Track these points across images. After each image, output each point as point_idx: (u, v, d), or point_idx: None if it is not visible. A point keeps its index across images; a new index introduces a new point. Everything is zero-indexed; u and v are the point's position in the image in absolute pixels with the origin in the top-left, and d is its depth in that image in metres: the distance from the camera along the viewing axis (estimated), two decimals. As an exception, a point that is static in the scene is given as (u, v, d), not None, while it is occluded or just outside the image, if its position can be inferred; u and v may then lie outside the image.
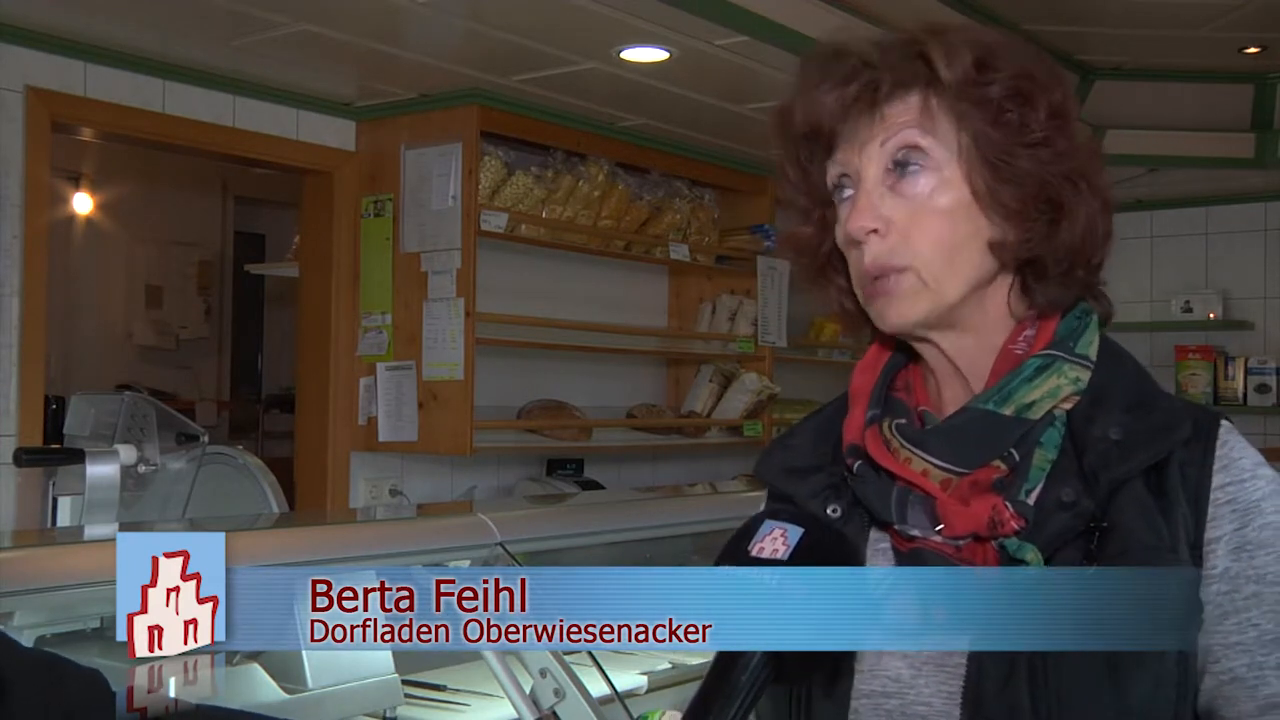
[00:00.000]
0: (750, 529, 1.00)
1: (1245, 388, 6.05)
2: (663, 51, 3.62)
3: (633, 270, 4.99)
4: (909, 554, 1.11)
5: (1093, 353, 1.14)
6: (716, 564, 1.00)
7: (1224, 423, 1.13)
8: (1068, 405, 1.12)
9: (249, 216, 7.49)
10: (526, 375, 4.55)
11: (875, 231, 1.11)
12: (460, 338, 4.03)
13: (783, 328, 5.21)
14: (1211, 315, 6.14)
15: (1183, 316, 6.17)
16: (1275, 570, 1.08)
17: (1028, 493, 1.09)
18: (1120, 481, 1.08)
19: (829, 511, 1.15)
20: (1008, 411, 1.11)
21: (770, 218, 5.18)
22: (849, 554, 0.99)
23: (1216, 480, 1.10)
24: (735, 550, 0.99)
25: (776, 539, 0.97)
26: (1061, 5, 4.20)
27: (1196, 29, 4.34)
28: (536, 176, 4.27)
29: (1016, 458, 1.10)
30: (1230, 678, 1.08)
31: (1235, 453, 1.11)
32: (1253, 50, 4.59)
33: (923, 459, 1.11)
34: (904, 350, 1.21)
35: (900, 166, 1.11)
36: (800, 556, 0.96)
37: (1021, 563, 1.06)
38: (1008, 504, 1.08)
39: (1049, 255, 1.12)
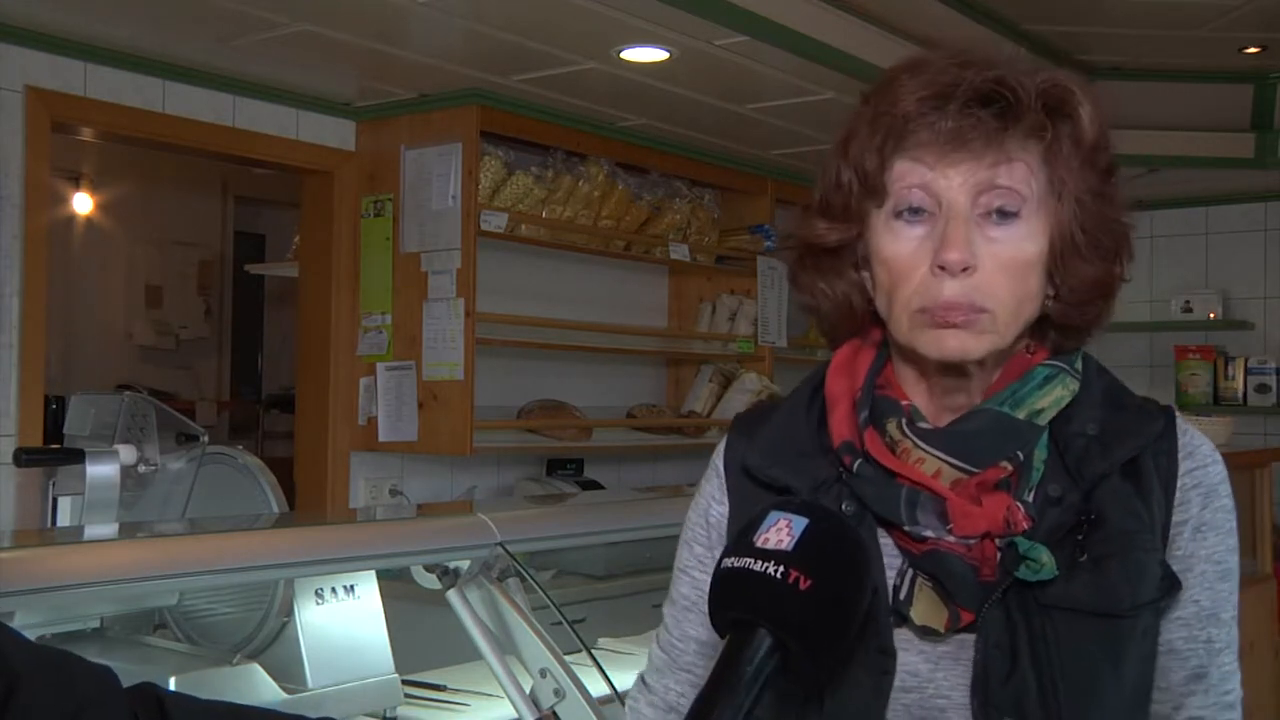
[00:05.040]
0: (757, 520, 1.01)
1: (1245, 388, 6.04)
2: (663, 51, 3.62)
3: (633, 270, 4.99)
4: (924, 555, 1.12)
5: (1080, 366, 1.19)
6: (724, 556, 1.00)
7: (1178, 413, 1.19)
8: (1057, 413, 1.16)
9: (249, 216, 7.49)
10: (526, 375, 4.55)
11: (966, 269, 1.09)
12: (460, 338, 4.03)
13: (783, 328, 5.21)
14: (1211, 315, 6.14)
15: (1183, 316, 6.17)
16: (1220, 550, 1.15)
17: (1029, 492, 1.13)
18: (1102, 475, 1.13)
19: (844, 508, 1.15)
20: (1020, 415, 1.14)
21: (770, 218, 5.18)
22: (854, 543, 1.00)
23: (1183, 466, 1.16)
24: (741, 542, 1.00)
25: (782, 529, 0.98)
26: (1061, 5, 4.20)
27: (1196, 29, 4.34)
28: (536, 176, 4.27)
29: (1021, 458, 1.13)
30: (1167, 649, 1.15)
31: (1195, 440, 1.18)
32: (1253, 50, 4.59)
33: (938, 459, 1.13)
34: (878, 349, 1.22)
35: (998, 206, 1.10)
36: (805, 547, 0.96)
37: (1029, 560, 1.09)
38: (1019, 504, 1.11)
39: (1089, 326, 1.17)
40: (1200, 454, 1.17)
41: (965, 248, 1.08)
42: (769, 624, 0.95)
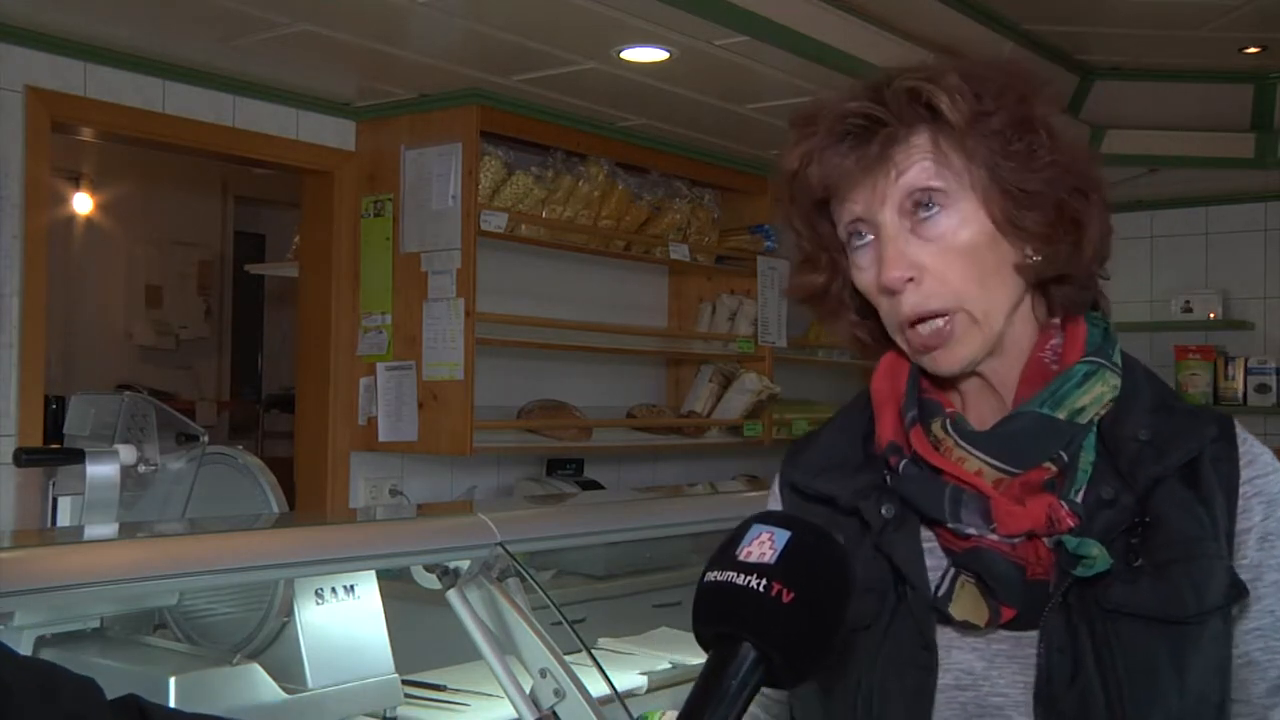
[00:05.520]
0: (739, 533, 1.00)
1: (1245, 388, 6.04)
2: (663, 51, 3.62)
3: (633, 270, 4.99)
4: (966, 553, 1.14)
5: (1120, 361, 1.20)
6: (706, 570, 0.99)
7: (1237, 422, 1.20)
8: (1103, 411, 1.17)
9: (249, 216, 7.49)
10: (526, 375, 4.55)
11: (911, 280, 1.14)
12: (460, 338, 4.03)
13: (782, 328, 5.21)
14: (1211, 315, 6.14)
15: (1183, 316, 6.17)
16: None
17: (1076, 492, 1.14)
18: (1157, 479, 1.13)
19: (882, 512, 1.18)
20: (1061, 415, 1.15)
21: (770, 218, 5.18)
22: (837, 556, 0.99)
23: (1245, 474, 1.16)
24: (723, 556, 0.99)
25: (764, 542, 0.97)
26: (1061, 5, 4.20)
27: (1196, 29, 4.33)
28: (536, 176, 4.27)
29: (1065, 459, 1.15)
30: (1245, 661, 1.14)
31: (1255, 449, 1.18)
32: (1253, 50, 4.59)
33: (979, 459, 1.15)
34: None
35: (919, 208, 1.14)
36: (787, 560, 0.96)
37: (1083, 558, 1.10)
38: (1063, 502, 1.13)
39: (1074, 269, 1.17)
40: (1261, 462, 1.18)
41: (899, 263, 1.14)
42: (753, 638, 0.94)
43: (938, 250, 1.13)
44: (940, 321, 1.15)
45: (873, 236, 1.16)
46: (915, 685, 1.14)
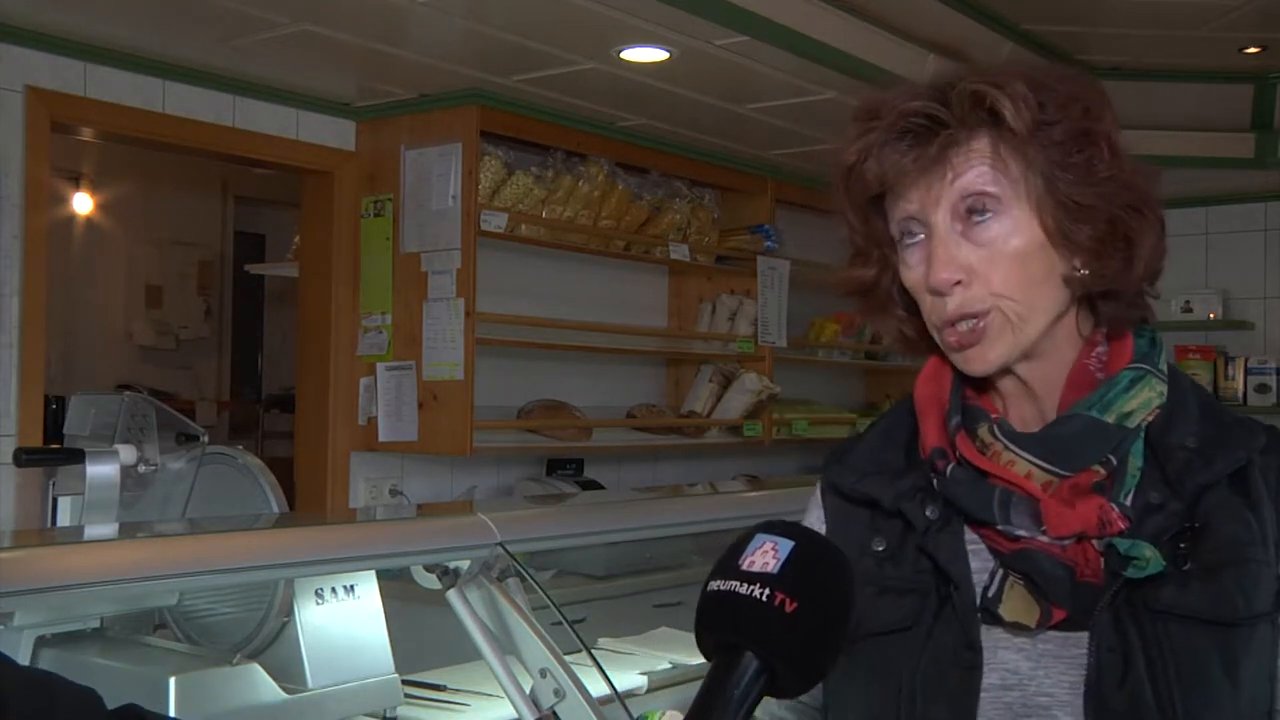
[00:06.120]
0: (743, 543, 1.00)
1: (1245, 388, 6.04)
2: (663, 51, 3.62)
3: (633, 270, 4.99)
4: (1015, 554, 1.15)
5: (1165, 369, 1.21)
6: (709, 579, 0.99)
7: None
8: (1151, 417, 1.18)
9: (249, 216, 7.49)
10: (526, 375, 4.55)
11: (959, 283, 1.14)
12: (460, 338, 4.03)
13: (782, 328, 5.21)
14: (1211, 315, 6.14)
15: (1183, 316, 6.17)
16: None
17: (1126, 496, 1.15)
18: (1206, 486, 1.15)
19: (927, 514, 1.19)
20: (1110, 419, 1.16)
21: (770, 218, 5.18)
22: (841, 566, 0.99)
23: None
24: (727, 565, 0.99)
25: (768, 552, 0.97)
26: (1061, 5, 4.20)
27: (1196, 29, 4.33)
28: (536, 176, 4.27)
29: (1114, 463, 1.16)
30: None
31: None
32: (1253, 50, 4.59)
33: (1028, 461, 1.16)
34: None
35: (972, 213, 1.14)
36: (791, 569, 0.96)
37: (1134, 559, 1.11)
38: (1113, 505, 1.14)
39: (1123, 286, 1.17)
40: None
41: (949, 266, 1.14)
42: (755, 647, 0.94)
43: (987, 255, 1.14)
44: (976, 320, 1.15)
45: (923, 235, 1.17)
46: (959, 685, 1.15)
